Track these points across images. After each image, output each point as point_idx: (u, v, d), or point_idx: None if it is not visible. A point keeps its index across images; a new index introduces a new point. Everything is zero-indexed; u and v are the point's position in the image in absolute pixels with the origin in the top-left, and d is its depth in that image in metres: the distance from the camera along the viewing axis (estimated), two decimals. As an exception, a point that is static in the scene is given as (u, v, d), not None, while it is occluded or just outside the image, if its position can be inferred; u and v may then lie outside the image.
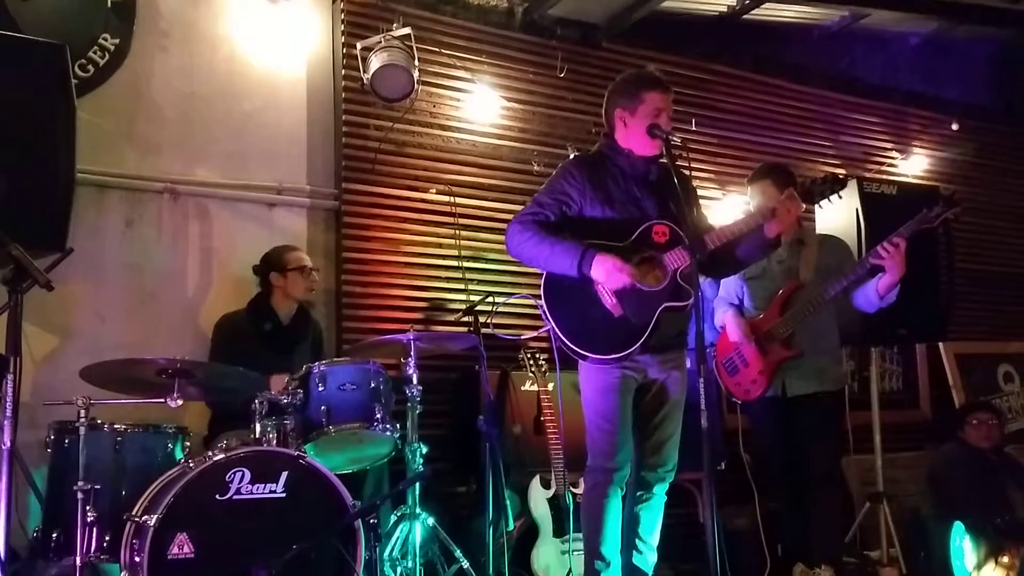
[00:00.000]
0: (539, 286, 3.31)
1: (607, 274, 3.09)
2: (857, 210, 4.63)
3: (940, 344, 6.09)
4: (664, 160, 3.28)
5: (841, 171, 3.27)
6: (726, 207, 5.52)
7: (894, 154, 6.54)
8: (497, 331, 4.32)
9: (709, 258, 3.23)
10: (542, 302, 3.29)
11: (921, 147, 6.66)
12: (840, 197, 3.37)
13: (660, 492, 3.36)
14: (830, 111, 6.34)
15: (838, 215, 4.73)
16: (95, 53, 4.29)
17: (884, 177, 6.03)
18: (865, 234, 4.56)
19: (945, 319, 4.95)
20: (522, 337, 4.34)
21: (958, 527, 3.42)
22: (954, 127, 6.76)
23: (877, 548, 4.61)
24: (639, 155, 3.30)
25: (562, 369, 3.64)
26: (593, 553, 3.27)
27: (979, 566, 3.31)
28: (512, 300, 4.72)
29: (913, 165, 6.56)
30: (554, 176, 3.40)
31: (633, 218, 3.25)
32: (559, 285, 3.23)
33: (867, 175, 5.78)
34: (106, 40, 4.32)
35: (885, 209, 4.60)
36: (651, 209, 3.28)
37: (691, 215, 3.15)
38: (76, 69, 4.08)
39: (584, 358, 3.25)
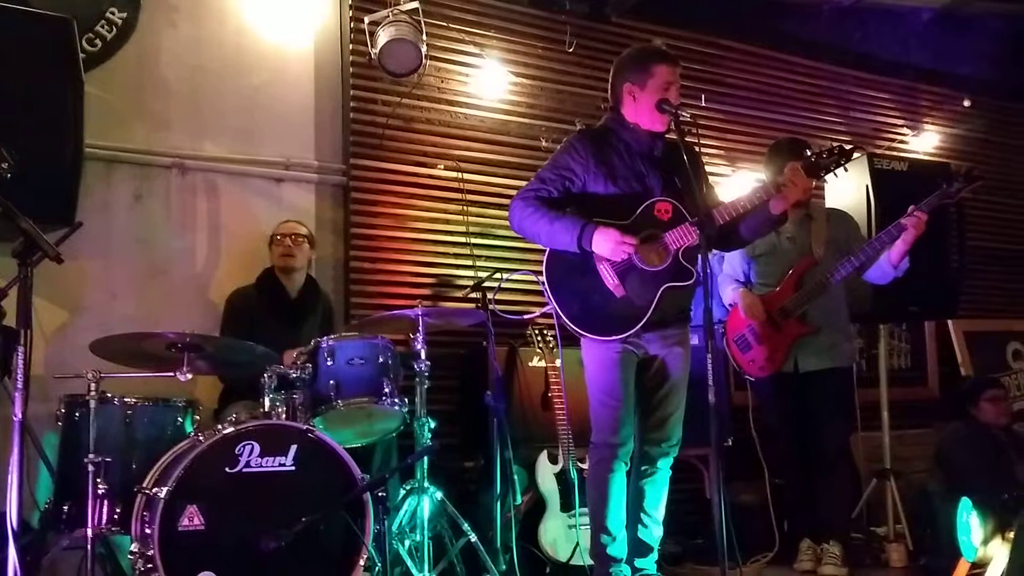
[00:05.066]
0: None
1: (610, 247, 3.08)
2: (867, 186, 4.61)
3: (949, 321, 6.08)
4: (671, 135, 3.26)
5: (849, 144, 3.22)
6: (736, 183, 5.49)
7: (905, 130, 6.51)
8: (498, 308, 4.31)
9: (718, 232, 3.21)
10: (544, 280, 3.28)
11: (932, 124, 6.62)
12: (846, 169, 3.34)
13: (664, 467, 3.37)
14: (841, 87, 6.30)
15: (848, 191, 4.71)
16: (103, 27, 4.27)
17: (895, 154, 6.00)
18: (875, 210, 4.55)
19: (955, 296, 4.94)
20: (525, 317, 4.34)
21: (965, 503, 3.41)
22: (966, 104, 6.73)
23: (884, 524, 4.63)
24: (646, 130, 3.28)
25: (568, 346, 3.62)
26: (599, 528, 3.29)
27: (986, 541, 3.31)
28: (515, 277, 4.71)
29: (924, 142, 6.52)
30: (558, 150, 3.38)
31: (636, 195, 3.24)
32: (561, 263, 3.23)
33: (878, 151, 5.75)
34: (113, 14, 4.30)
35: (895, 185, 4.58)
36: (656, 185, 3.26)
37: (700, 190, 3.13)
38: (83, 43, 4.07)
39: (585, 337, 3.25)
